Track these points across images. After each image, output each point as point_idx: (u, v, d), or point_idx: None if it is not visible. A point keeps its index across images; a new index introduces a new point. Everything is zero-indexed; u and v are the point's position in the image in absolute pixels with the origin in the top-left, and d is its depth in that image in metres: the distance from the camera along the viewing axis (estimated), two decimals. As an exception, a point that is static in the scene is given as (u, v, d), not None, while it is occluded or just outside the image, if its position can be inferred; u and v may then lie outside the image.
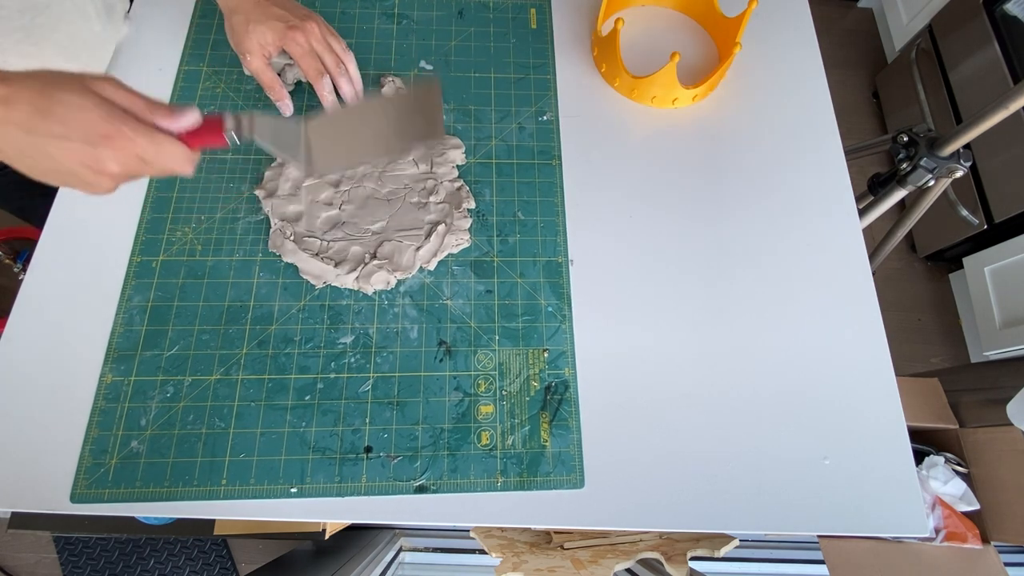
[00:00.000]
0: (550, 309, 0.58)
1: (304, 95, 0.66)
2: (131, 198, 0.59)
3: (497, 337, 0.57)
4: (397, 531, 1.24)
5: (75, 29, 0.58)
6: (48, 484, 0.49)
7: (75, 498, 0.49)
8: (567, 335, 0.57)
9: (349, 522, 0.96)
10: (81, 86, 0.38)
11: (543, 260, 0.60)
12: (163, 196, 0.60)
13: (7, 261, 1.36)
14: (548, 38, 0.72)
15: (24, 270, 0.56)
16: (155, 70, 0.66)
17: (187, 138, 0.42)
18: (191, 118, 0.42)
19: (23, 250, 1.40)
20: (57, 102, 0.37)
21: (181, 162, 0.41)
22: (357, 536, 1.18)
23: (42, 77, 0.38)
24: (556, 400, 0.55)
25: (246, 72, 0.65)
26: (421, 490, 0.51)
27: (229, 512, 0.50)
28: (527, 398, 0.55)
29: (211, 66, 0.66)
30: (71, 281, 0.56)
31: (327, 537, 1.02)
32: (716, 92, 0.71)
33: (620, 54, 0.65)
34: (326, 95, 0.59)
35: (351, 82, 0.60)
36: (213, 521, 1.07)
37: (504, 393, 0.55)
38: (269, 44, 0.55)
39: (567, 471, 0.52)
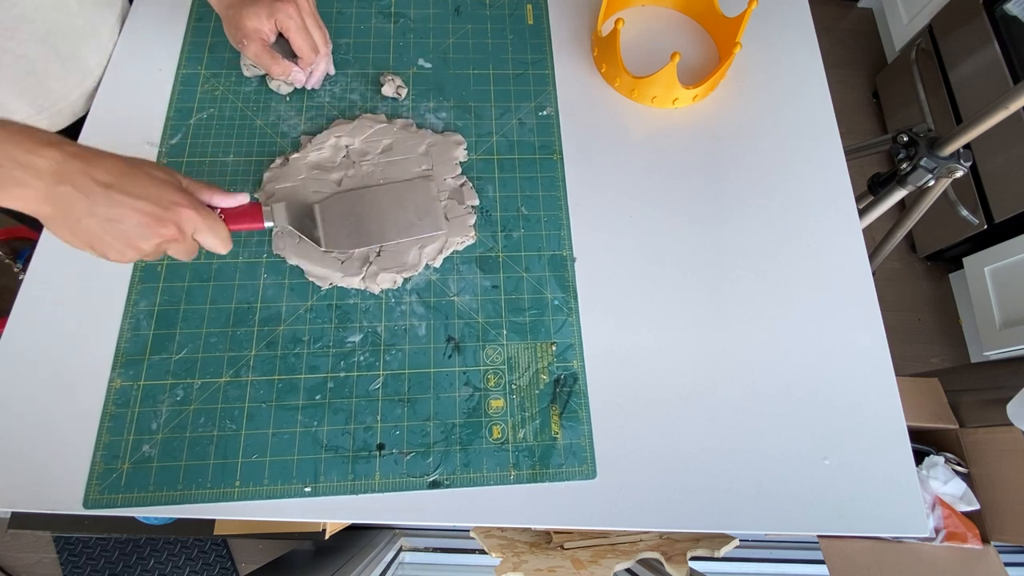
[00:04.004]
0: (556, 302, 0.58)
1: (303, 95, 0.66)
2: None
3: (505, 332, 0.57)
4: (397, 531, 1.24)
5: (54, 22, 0.58)
6: (61, 489, 0.49)
7: (88, 504, 0.49)
8: (574, 327, 0.57)
9: (349, 522, 0.96)
10: (158, 165, 0.44)
11: (548, 254, 0.60)
12: None
13: (7, 261, 1.36)
14: (545, 33, 0.72)
15: (24, 270, 0.56)
16: (155, 70, 0.66)
17: (230, 220, 0.48)
18: (242, 198, 0.49)
19: (23, 250, 1.40)
20: (140, 170, 0.42)
21: (224, 240, 0.46)
22: (357, 536, 1.18)
23: (119, 155, 0.43)
24: (566, 392, 0.55)
25: (245, 74, 0.65)
26: (435, 485, 0.51)
27: (243, 513, 0.50)
28: (537, 391, 0.55)
29: (209, 68, 0.66)
30: (74, 285, 0.56)
31: (327, 537, 1.02)
32: (716, 92, 0.71)
33: (620, 54, 0.65)
34: (315, 74, 0.63)
35: (330, 64, 0.65)
36: (213, 521, 1.07)
37: (514, 387, 0.55)
38: (264, 25, 0.56)
39: (579, 462, 0.53)
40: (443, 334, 0.56)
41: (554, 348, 0.57)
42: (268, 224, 0.50)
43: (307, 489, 0.50)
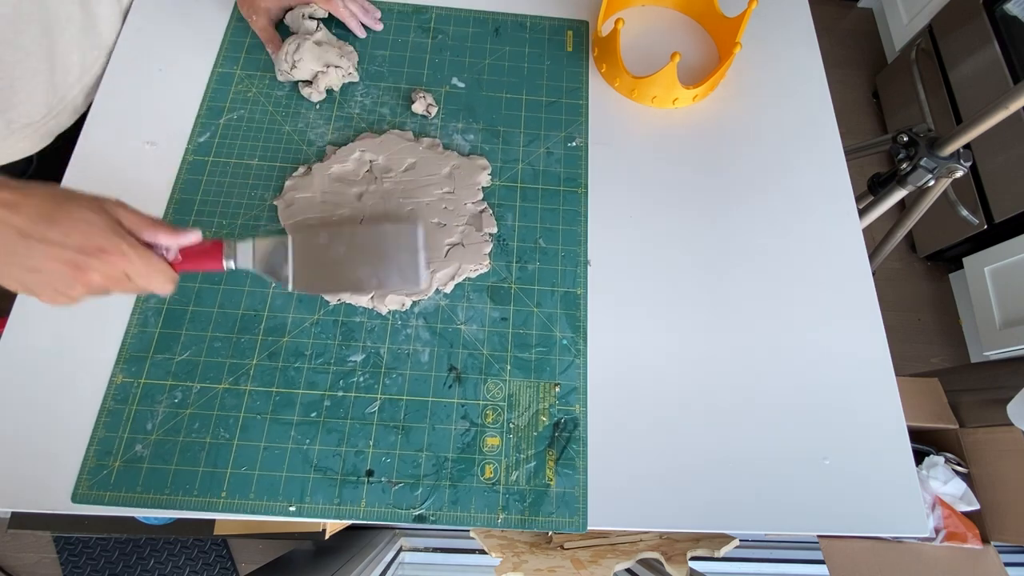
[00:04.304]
0: (565, 342, 0.57)
1: (334, 105, 0.65)
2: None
3: (508, 367, 0.56)
4: (397, 531, 1.24)
5: (55, 14, 0.57)
6: (50, 482, 0.49)
7: (76, 498, 0.49)
8: (580, 370, 0.56)
9: (349, 522, 0.96)
10: (93, 202, 0.40)
11: (561, 291, 0.59)
12: (186, 199, 0.60)
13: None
14: (584, 63, 0.71)
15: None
16: (155, 70, 0.66)
17: (186, 260, 0.44)
18: (193, 236, 0.44)
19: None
20: (65, 213, 0.39)
21: (163, 282, 0.43)
22: (357, 536, 1.18)
23: (57, 190, 0.40)
24: (564, 438, 0.53)
25: (279, 78, 0.65)
26: (420, 519, 0.50)
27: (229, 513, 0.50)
28: (535, 433, 0.54)
29: (245, 70, 0.66)
30: None
31: (327, 537, 1.02)
32: (716, 92, 0.71)
33: (620, 54, 0.65)
34: (348, 18, 0.67)
35: (363, 8, 0.69)
36: (213, 521, 1.07)
37: (511, 426, 0.54)
38: (273, 3, 0.64)
39: (570, 513, 0.51)
40: (446, 363, 0.55)
41: (557, 390, 0.55)
42: (229, 265, 0.45)
43: (292, 508, 0.50)
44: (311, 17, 0.66)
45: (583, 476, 0.53)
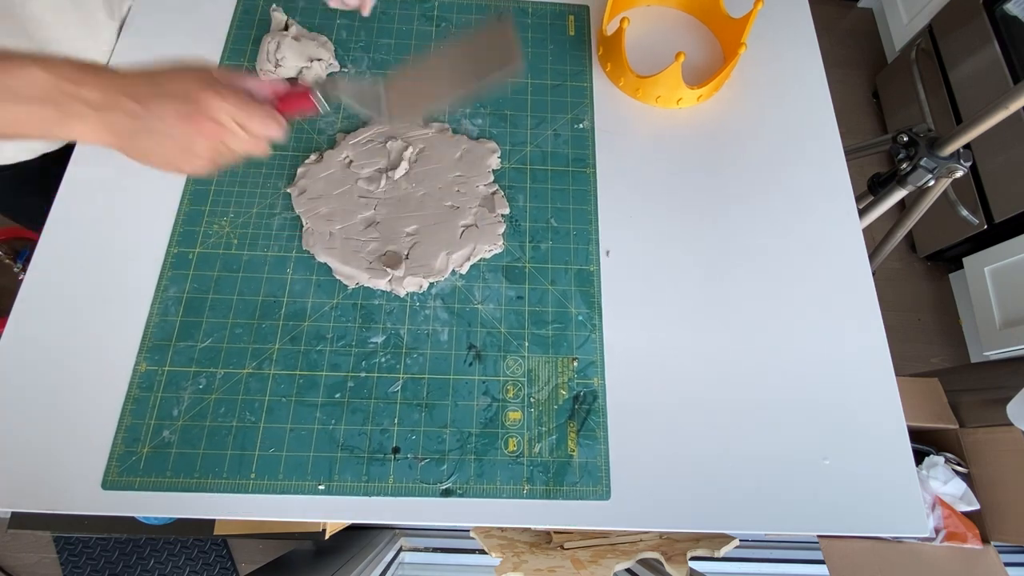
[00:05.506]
0: (580, 318, 0.58)
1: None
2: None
3: (527, 343, 0.57)
4: (397, 531, 1.24)
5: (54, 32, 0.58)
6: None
7: (107, 484, 0.49)
8: (597, 344, 0.57)
9: (349, 521, 0.96)
10: (193, 62, 0.43)
11: (575, 268, 0.60)
12: (201, 188, 0.60)
13: (7, 261, 1.36)
14: (586, 46, 0.72)
15: (24, 270, 0.56)
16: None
17: (282, 104, 0.45)
18: (278, 83, 0.46)
19: (23, 249, 1.40)
20: (169, 70, 0.42)
21: (273, 125, 0.44)
22: (357, 536, 1.18)
23: (156, 65, 0.43)
24: (584, 410, 0.54)
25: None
26: (447, 493, 0.51)
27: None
28: (555, 406, 0.55)
29: (252, 63, 0.67)
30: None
31: (327, 537, 1.02)
32: (719, 92, 0.71)
33: (625, 54, 0.65)
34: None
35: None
36: (213, 521, 1.07)
37: (532, 400, 0.55)
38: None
39: (593, 482, 0.52)
40: (465, 341, 0.56)
41: (575, 364, 0.56)
42: (323, 102, 0.46)
43: (321, 487, 0.51)
44: (273, 9, 0.65)
45: (604, 446, 0.54)
